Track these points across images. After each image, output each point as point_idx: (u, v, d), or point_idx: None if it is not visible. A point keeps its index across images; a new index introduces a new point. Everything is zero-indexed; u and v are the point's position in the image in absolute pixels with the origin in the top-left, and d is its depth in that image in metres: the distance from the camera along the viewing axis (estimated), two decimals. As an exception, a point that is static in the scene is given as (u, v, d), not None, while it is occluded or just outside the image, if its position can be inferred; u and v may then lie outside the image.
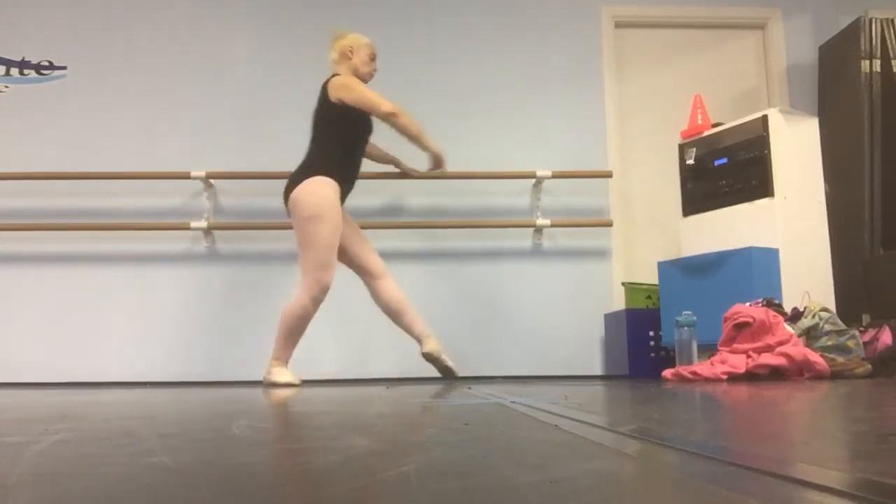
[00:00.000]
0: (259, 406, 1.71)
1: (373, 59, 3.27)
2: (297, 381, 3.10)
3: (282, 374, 3.09)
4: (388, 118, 3.08)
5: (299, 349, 3.94)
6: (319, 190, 3.02)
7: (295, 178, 3.09)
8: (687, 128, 3.87)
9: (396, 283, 3.24)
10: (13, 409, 1.81)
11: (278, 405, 1.76)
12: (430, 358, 3.17)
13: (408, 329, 3.22)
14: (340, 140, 3.13)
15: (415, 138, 3.14)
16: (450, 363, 3.21)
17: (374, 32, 4.26)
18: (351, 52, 3.22)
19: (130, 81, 4.15)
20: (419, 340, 3.19)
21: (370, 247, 3.28)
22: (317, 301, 3.05)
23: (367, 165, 4.03)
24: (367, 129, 3.22)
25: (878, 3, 4.05)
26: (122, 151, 4.06)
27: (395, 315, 3.21)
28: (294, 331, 3.09)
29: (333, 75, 3.19)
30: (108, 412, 1.62)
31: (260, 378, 3.87)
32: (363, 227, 3.98)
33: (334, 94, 3.07)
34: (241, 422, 1.25)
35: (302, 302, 3.04)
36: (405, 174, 3.63)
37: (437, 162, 3.27)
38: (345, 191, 3.17)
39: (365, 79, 3.23)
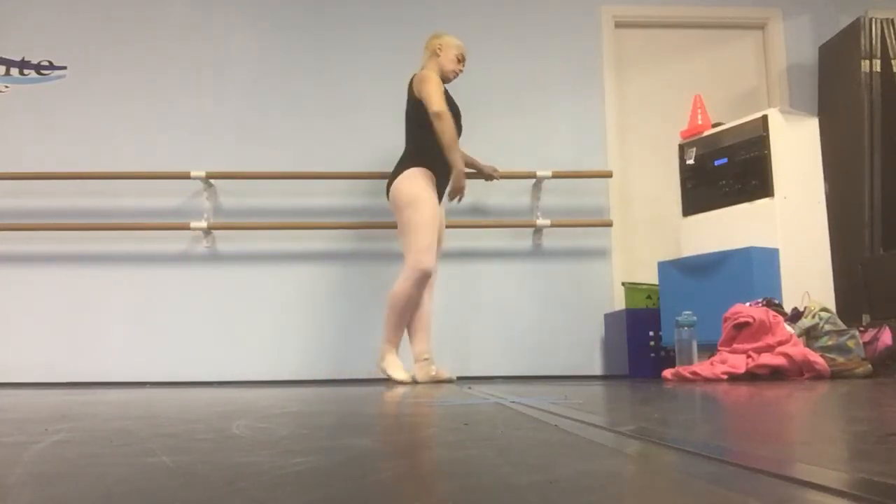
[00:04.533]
0: (259, 406, 1.71)
1: (460, 60, 3.43)
2: (408, 379, 3.18)
3: (395, 369, 3.20)
4: (433, 116, 3.18)
5: (299, 348, 3.95)
6: (415, 179, 3.19)
7: (394, 173, 3.26)
8: (687, 128, 3.86)
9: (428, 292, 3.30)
10: (13, 409, 1.81)
11: (278, 405, 1.76)
12: (419, 384, 3.18)
13: (410, 341, 3.30)
14: (431, 133, 3.25)
15: (446, 146, 3.19)
16: (444, 377, 3.23)
17: (373, 33, 4.28)
18: (440, 49, 3.39)
19: (130, 81, 4.15)
20: (415, 359, 3.28)
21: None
22: (419, 284, 3.14)
23: (369, 164, 4.04)
24: (456, 120, 3.33)
25: (878, 3, 4.05)
26: (122, 151, 4.06)
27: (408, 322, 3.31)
28: (400, 316, 3.18)
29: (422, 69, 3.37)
30: (108, 412, 1.62)
31: (260, 378, 3.88)
32: (364, 227, 4.00)
33: (417, 89, 3.26)
34: (241, 422, 1.25)
35: (403, 287, 3.15)
36: (484, 175, 3.75)
37: (456, 182, 3.20)
38: (441, 183, 3.28)
39: (448, 76, 3.40)
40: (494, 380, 3.68)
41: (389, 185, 3.26)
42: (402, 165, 3.24)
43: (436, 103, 3.16)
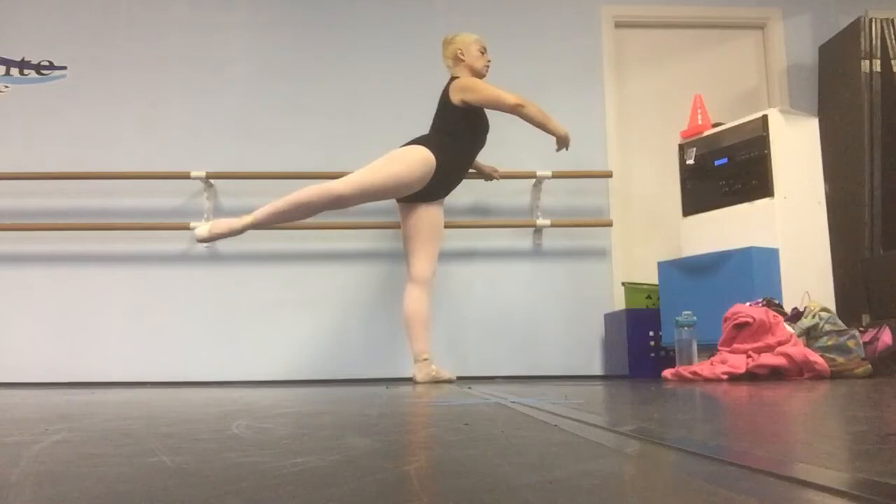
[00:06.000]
0: (259, 406, 1.71)
1: (483, 52, 3.39)
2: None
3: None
4: (515, 109, 3.20)
5: (299, 348, 3.94)
6: (418, 154, 3.13)
7: (409, 142, 3.23)
8: (687, 128, 3.86)
9: (421, 291, 3.26)
10: (13, 409, 1.81)
11: (278, 405, 1.76)
12: (419, 384, 3.17)
13: (409, 341, 3.28)
14: (456, 139, 3.25)
15: (542, 125, 3.27)
16: (444, 377, 3.22)
17: (373, 33, 4.28)
18: (461, 53, 3.35)
19: (130, 81, 4.15)
20: (414, 359, 3.25)
21: (426, 250, 3.29)
22: (324, 201, 3.00)
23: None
24: (483, 135, 3.36)
25: (878, 3, 4.05)
26: (122, 151, 4.06)
27: (405, 322, 3.28)
28: (306, 205, 3.01)
29: (453, 78, 3.32)
30: (108, 412, 1.62)
31: (260, 378, 3.88)
32: (364, 227, 3.99)
33: (456, 97, 3.22)
34: (241, 422, 1.25)
35: (333, 184, 3.03)
36: (484, 175, 3.76)
37: (564, 142, 3.38)
38: (440, 183, 3.23)
39: (481, 72, 3.37)
40: (494, 380, 3.68)
41: None
42: (418, 141, 3.22)
43: (507, 97, 3.17)
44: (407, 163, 3.11)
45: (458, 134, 3.27)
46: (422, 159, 3.13)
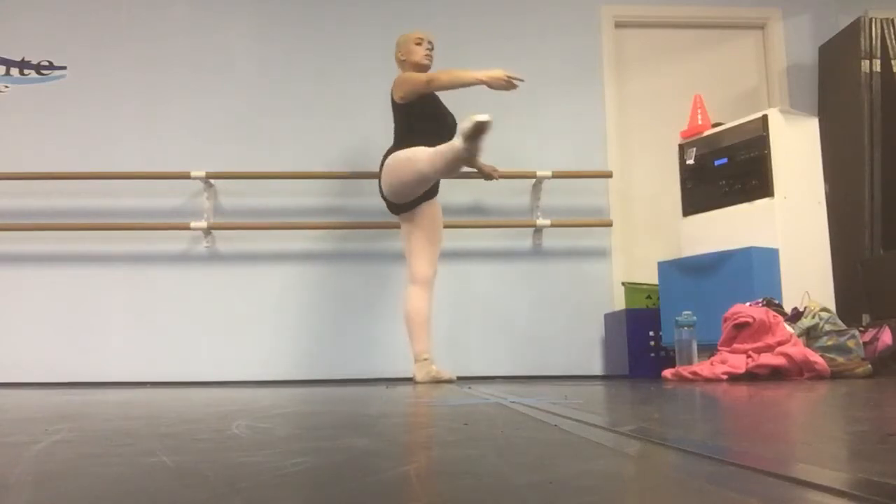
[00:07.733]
0: (259, 406, 1.71)
1: (418, 43, 3.37)
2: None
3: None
4: (429, 87, 3.18)
5: (299, 348, 3.94)
6: (403, 157, 3.14)
7: (383, 161, 3.25)
8: (687, 128, 3.86)
9: (421, 290, 3.24)
10: (13, 409, 1.81)
11: (278, 405, 1.76)
12: (419, 384, 3.16)
13: (410, 341, 3.28)
14: (420, 134, 3.22)
15: (462, 84, 3.19)
16: (444, 377, 3.21)
17: (371, 32, 4.28)
18: (402, 55, 3.38)
19: (130, 81, 4.15)
20: (414, 359, 3.24)
21: (426, 250, 3.28)
22: (422, 174, 3.08)
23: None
24: (442, 121, 3.32)
25: (878, 3, 4.05)
26: (122, 151, 4.06)
27: (405, 322, 3.28)
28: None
29: None
30: (108, 412, 1.62)
31: (259, 378, 3.88)
32: (364, 227, 3.99)
33: (396, 95, 3.26)
34: (241, 422, 1.25)
35: (420, 161, 3.07)
36: (484, 175, 3.75)
37: (501, 83, 3.18)
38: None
39: (422, 63, 3.35)
40: (494, 380, 3.68)
41: (382, 173, 3.25)
42: (387, 154, 3.25)
43: (418, 80, 3.16)
44: (419, 155, 3.12)
45: (418, 129, 3.25)
46: (407, 160, 3.15)
